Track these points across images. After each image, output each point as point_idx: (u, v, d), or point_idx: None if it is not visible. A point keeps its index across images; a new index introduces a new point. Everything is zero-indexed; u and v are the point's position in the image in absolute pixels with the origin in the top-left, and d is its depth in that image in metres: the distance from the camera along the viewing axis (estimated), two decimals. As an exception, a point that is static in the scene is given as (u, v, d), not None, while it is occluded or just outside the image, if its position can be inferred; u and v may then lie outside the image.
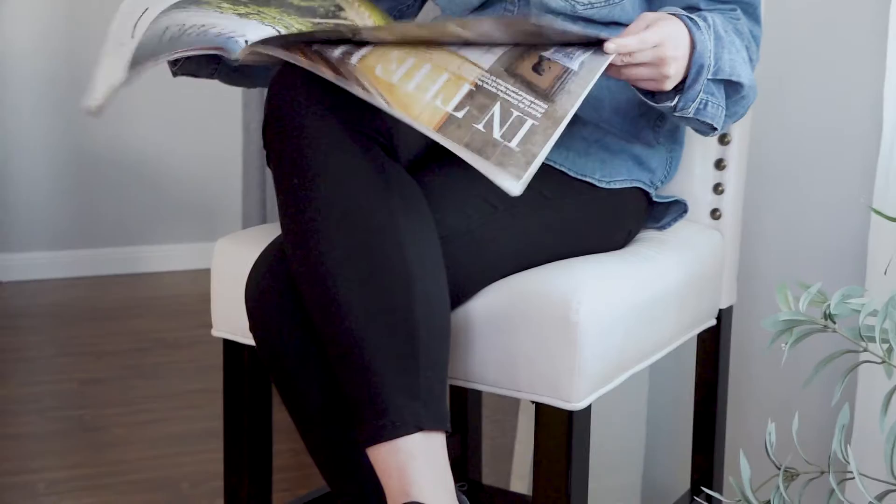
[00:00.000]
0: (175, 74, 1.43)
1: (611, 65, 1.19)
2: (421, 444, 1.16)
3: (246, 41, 1.23)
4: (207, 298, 1.53)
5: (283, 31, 1.27)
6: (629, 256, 1.43)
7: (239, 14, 1.29)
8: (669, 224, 1.56)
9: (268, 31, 1.26)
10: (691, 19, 1.27)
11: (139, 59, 1.23)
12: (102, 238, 3.65)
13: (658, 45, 1.20)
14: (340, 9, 1.42)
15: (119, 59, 1.25)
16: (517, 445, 2.03)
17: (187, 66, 1.41)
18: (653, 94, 1.30)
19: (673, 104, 1.28)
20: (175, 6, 1.29)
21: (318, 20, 1.35)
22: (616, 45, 1.17)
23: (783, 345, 1.24)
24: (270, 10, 1.32)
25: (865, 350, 1.25)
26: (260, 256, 1.28)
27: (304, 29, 1.29)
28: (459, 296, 1.29)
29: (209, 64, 1.41)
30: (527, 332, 1.27)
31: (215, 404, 1.73)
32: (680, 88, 1.27)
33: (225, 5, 1.31)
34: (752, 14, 1.43)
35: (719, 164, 1.61)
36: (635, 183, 1.46)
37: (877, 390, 1.55)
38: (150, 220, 3.70)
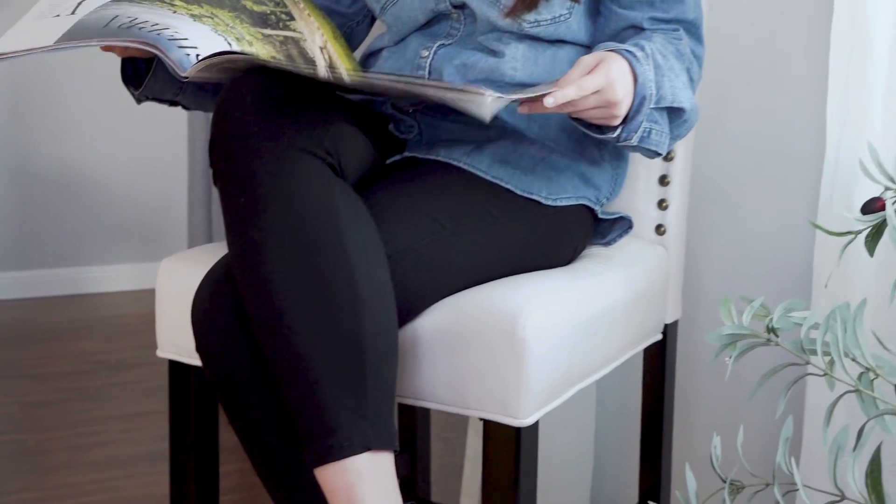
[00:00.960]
0: (139, 100, 1.42)
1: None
2: (369, 464, 1.15)
3: (198, 55, 1.22)
4: (152, 319, 1.51)
5: (234, 44, 1.27)
6: (576, 272, 1.43)
7: (192, 15, 1.28)
8: (615, 240, 1.57)
9: (219, 43, 1.26)
10: (630, 52, 1.28)
11: (73, 36, 1.21)
12: (44, 259, 3.60)
13: (601, 89, 1.22)
14: (291, 17, 1.42)
15: (47, 28, 1.23)
16: (466, 463, 2.03)
17: (151, 87, 1.39)
18: (597, 129, 1.31)
19: (616, 135, 1.30)
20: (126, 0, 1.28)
21: (268, 31, 1.35)
22: (555, 98, 1.18)
23: (727, 358, 1.25)
24: (223, 14, 1.32)
25: (808, 363, 1.26)
26: (206, 276, 1.27)
27: (254, 41, 1.29)
28: (407, 314, 1.29)
29: (174, 84, 1.40)
30: (474, 350, 1.27)
31: (161, 426, 1.72)
32: (623, 120, 1.29)
33: (178, 3, 1.30)
34: (695, 34, 1.45)
35: (663, 181, 1.63)
36: (581, 200, 1.47)
37: (822, 402, 1.57)
38: (93, 240, 3.66)
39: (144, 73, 1.41)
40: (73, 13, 1.25)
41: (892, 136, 1.52)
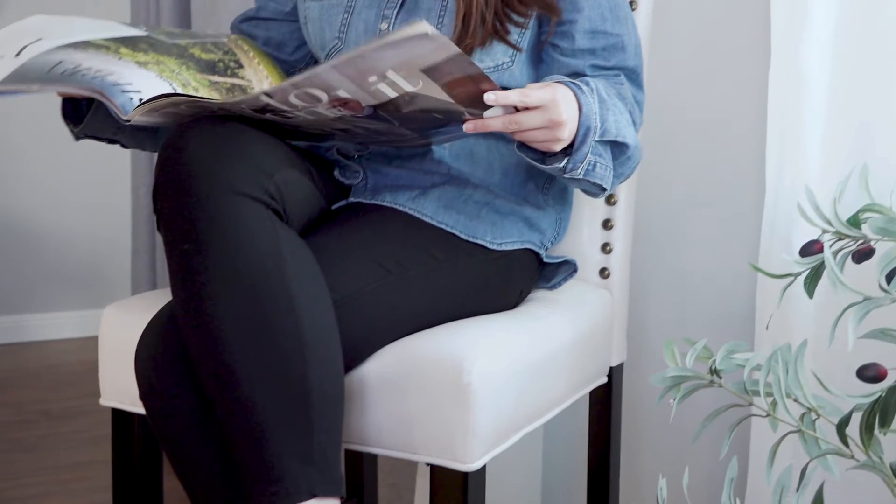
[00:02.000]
0: (78, 137, 1.41)
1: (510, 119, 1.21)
2: (316, 510, 1.15)
3: (141, 99, 1.22)
4: (95, 367, 1.49)
5: (179, 89, 1.27)
6: (521, 316, 1.44)
7: (137, 62, 1.28)
8: (560, 283, 1.58)
9: (163, 88, 1.26)
10: (575, 84, 1.30)
11: (15, 79, 1.21)
12: (-16, 306, 3.55)
13: (546, 105, 1.23)
14: (240, 65, 1.42)
15: None
16: (414, 508, 2.02)
17: (91, 125, 1.39)
18: (542, 158, 1.32)
19: (562, 166, 1.30)
20: (72, 45, 1.27)
21: (215, 77, 1.35)
22: (497, 96, 1.19)
23: (671, 400, 1.26)
24: (170, 61, 1.32)
25: (751, 404, 1.28)
26: (150, 323, 1.26)
27: (200, 87, 1.29)
28: (353, 359, 1.28)
29: (113, 123, 1.40)
30: (420, 395, 1.27)
31: (104, 476, 1.69)
32: (568, 151, 1.30)
33: (124, 51, 1.29)
34: (635, 81, 1.48)
35: (607, 224, 1.65)
36: (526, 244, 1.48)
37: (766, 443, 1.59)
38: (34, 287, 3.61)
39: (85, 109, 1.41)
40: (17, 55, 1.25)
41: (829, 180, 1.55)
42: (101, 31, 1.34)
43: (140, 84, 1.24)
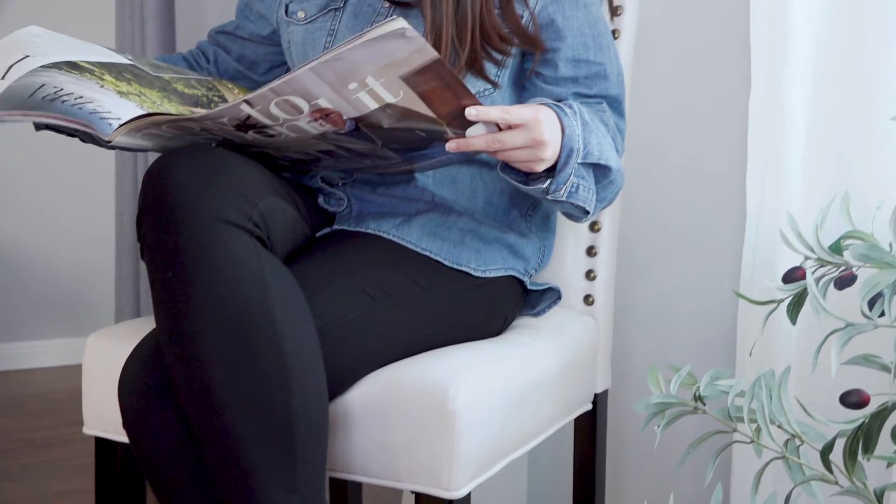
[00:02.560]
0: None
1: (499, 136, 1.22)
2: (300, 539, 1.14)
3: (121, 122, 1.22)
4: (78, 395, 1.49)
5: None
6: (505, 343, 1.44)
7: (119, 92, 1.28)
8: (544, 310, 1.58)
9: (137, 111, 1.25)
10: (558, 106, 1.31)
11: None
12: (-33, 335, 3.53)
13: (528, 124, 1.23)
14: (224, 100, 1.42)
15: None
16: (399, 537, 2.01)
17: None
18: (525, 180, 1.33)
19: (545, 187, 1.31)
20: (57, 66, 1.27)
21: (197, 109, 1.35)
22: (478, 111, 1.19)
23: (656, 427, 1.26)
24: (152, 93, 1.32)
25: (735, 430, 1.28)
26: (133, 351, 1.26)
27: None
28: (338, 387, 1.28)
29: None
30: (405, 422, 1.27)
31: (87, 505, 1.68)
32: (551, 173, 1.31)
33: (107, 78, 1.29)
34: (617, 109, 1.49)
35: (590, 251, 1.65)
36: (510, 271, 1.49)
37: (750, 470, 1.59)
38: (17, 315, 3.59)
39: None
40: (2, 77, 1.25)
41: (809, 207, 1.56)
42: (88, 53, 1.34)
43: (119, 112, 1.24)
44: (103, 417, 1.43)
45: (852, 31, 1.54)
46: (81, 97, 1.24)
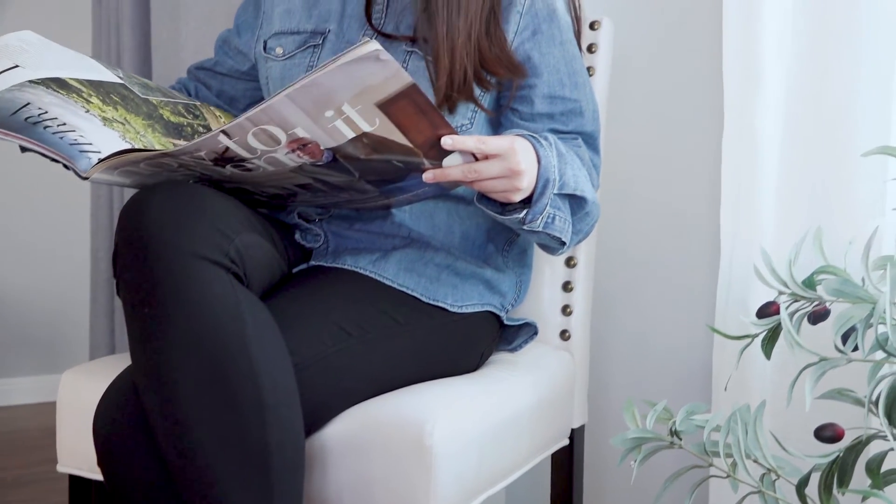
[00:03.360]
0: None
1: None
2: (276, 577, 1.14)
3: (99, 158, 1.22)
4: (52, 433, 1.47)
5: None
6: (482, 379, 1.44)
7: (104, 118, 1.27)
8: (521, 346, 1.58)
9: (120, 143, 1.25)
10: (534, 137, 1.32)
11: None
12: (-62, 372, 3.49)
13: (505, 154, 1.24)
14: (208, 129, 1.43)
15: None
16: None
17: None
18: (502, 210, 1.34)
19: (521, 217, 1.32)
20: (44, 84, 1.27)
21: (181, 142, 1.35)
22: (454, 140, 1.20)
23: (632, 462, 1.26)
24: (137, 121, 1.32)
25: (711, 465, 1.28)
26: (109, 388, 1.25)
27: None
28: (314, 423, 1.28)
29: None
30: (382, 458, 1.26)
31: (60, 544, 1.66)
32: (528, 204, 1.32)
33: (94, 101, 1.29)
34: (592, 145, 1.50)
35: (566, 287, 1.66)
36: (486, 307, 1.49)
37: (726, 504, 1.59)
38: (-10, 353, 3.56)
39: None
40: None
41: (782, 242, 1.58)
42: (79, 68, 1.34)
43: (100, 144, 1.24)
44: (78, 455, 1.42)
45: (823, 67, 1.56)
46: (65, 124, 1.24)
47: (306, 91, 1.11)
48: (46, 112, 1.24)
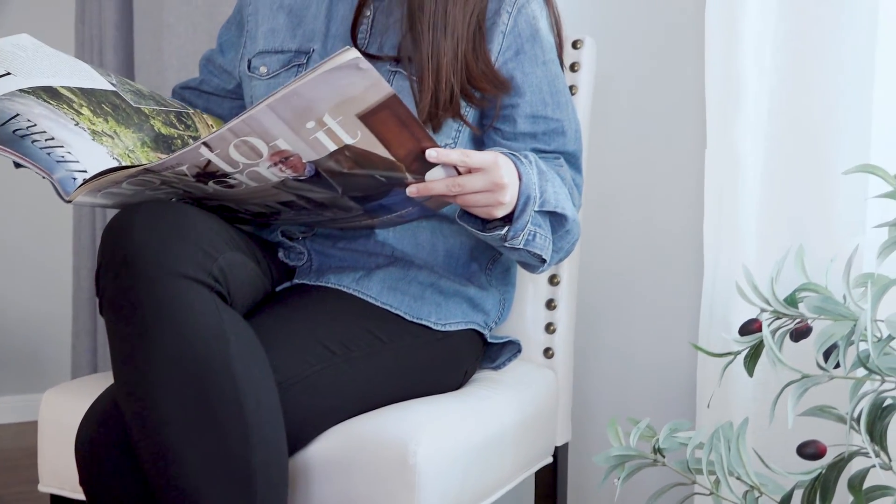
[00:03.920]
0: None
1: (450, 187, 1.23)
2: None
3: (84, 179, 1.22)
4: (33, 453, 1.47)
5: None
6: (466, 397, 1.44)
7: (93, 132, 1.27)
8: (504, 364, 1.59)
9: (108, 160, 1.25)
10: (514, 154, 1.33)
11: None
12: (-83, 392, 3.47)
13: (488, 168, 1.25)
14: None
15: None
16: None
17: None
18: (483, 227, 1.34)
19: (503, 234, 1.32)
20: (35, 94, 1.27)
21: (163, 156, 1.35)
22: (438, 153, 1.20)
23: (616, 480, 1.27)
24: (127, 134, 1.31)
25: (695, 482, 1.29)
26: (91, 407, 1.24)
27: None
28: (298, 441, 1.28)
29: None
30: (366, 476, 1.26)
31: (41, 565, 1.65)
32: (509, 220, 1.32)
33: (85, 112, 1.29)
34: (575, 164, 1.51)
35: (550, 305, 1.66)
36: (470, 325, 1.49)
37: (708, 522, 1.59)
38: (-30, 372, 3.54)
39: None
40: None
41: (764, 260, 1.59)
42: (73, 74, 1.33)
43: (87, 163, 1.23)
44: (59, 475, 1.42)
45: (803, 86, 1.57)
46: (53, 138, 1.23)
47: (287, 101, 1.11)
48: (35, 125, 1.24)
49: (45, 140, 1.23)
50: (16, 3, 3.15)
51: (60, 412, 1.42)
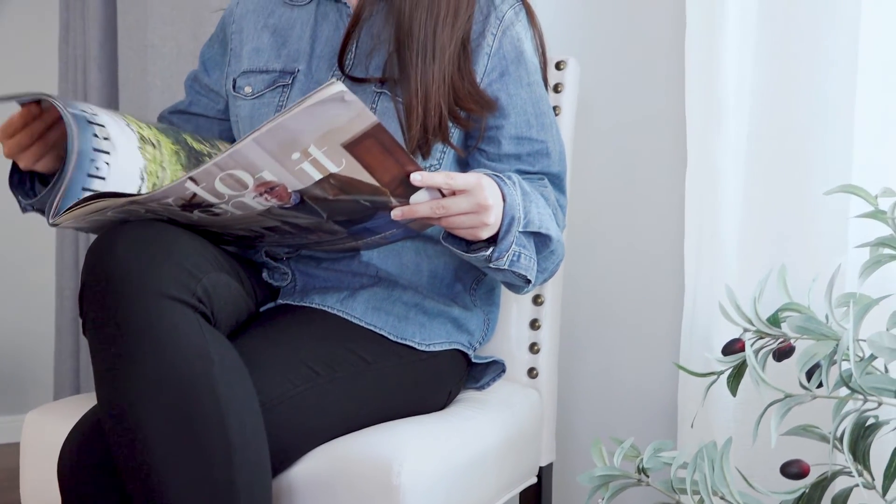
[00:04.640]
0: (25, 210, 1.40)
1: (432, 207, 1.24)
2: None
3: (69, 207, 1.23)
4: (15, 475, 1.46)
5: (145, 189, 1.27)
6: (450, 417, 1.44)
7: (141, 137, 1.32)
8: (489, 384, 1.59)
9: (134, 179, 1.28)
10: (498, 176, 1.33)
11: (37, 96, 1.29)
12: None
13: (472, 190, 1.25)
14: None
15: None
16: None
17: (44, 199, 1.37)
18: (468, 248, 1.34)
19: (487, 254, 1.33)
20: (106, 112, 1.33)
21: (144, 190, 1.35)
22: (423, 176, 1.20)
23: (600, 500, 1.27)
24: (167, 144, 1.35)
25: (678, 502, 1.29)
26: (74, 428, 1.24)
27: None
28: (282, 462, 1.27)
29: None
30: (350, 497, 1.26)
31: (23, 588, 1.63)
32: (493, 242, 1.32)
33: (129, 116, 1.34)
34: (559, 185, 1.51)
35: (534, 325, 1.66)
36: (454, 345, 1.49)
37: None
38: (-48, 393, 3.52)
39: (28, 182, 1.41)
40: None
41: (746, 279, 1.59)
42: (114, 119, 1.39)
43: (113, 180, 1.27)
44: (42, 497, 1.41)
45: (784, 106, 1.58)
46: (108, 138, 1.28)
47: (272, 134, 1.12)
48: (97, 115, 1.27)
49: (102, 138, 1.27)
50: (0, 23, 3.15)
51: (43, 433, 1.41)
